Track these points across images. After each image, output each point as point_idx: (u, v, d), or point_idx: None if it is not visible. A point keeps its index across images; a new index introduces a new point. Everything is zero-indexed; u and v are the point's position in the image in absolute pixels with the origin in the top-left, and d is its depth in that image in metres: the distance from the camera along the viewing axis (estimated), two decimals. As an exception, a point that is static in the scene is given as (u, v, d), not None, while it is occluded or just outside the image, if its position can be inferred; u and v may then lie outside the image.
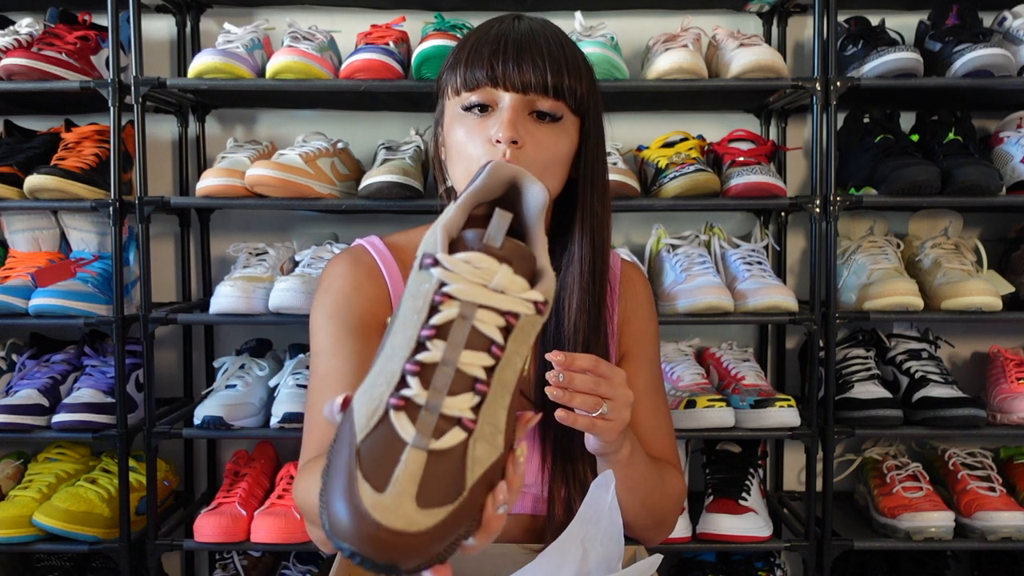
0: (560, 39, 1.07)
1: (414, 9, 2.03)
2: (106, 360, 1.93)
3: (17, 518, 1.76)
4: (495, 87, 1.03)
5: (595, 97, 1.10)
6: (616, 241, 2.10)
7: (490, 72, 1.03)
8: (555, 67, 1.03)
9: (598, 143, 1.11)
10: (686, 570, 1.97)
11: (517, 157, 1.02)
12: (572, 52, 1.07)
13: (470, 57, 1.05)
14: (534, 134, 1.04)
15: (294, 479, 1.12)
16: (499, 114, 1.03)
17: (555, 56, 1.04)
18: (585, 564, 0.93)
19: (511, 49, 1.03)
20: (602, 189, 1.11)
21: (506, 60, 1.02)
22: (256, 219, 2.15)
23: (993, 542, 1.80)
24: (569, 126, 1.07)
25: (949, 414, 1.80)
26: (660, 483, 1.12)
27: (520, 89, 1.03)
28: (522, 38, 1.04)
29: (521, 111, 1.03)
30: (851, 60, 1.88)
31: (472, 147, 1.05)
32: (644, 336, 1.23)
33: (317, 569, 1.95)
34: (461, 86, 1.05)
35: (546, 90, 1.03)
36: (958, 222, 2.04)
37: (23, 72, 1.79)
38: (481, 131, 1.04)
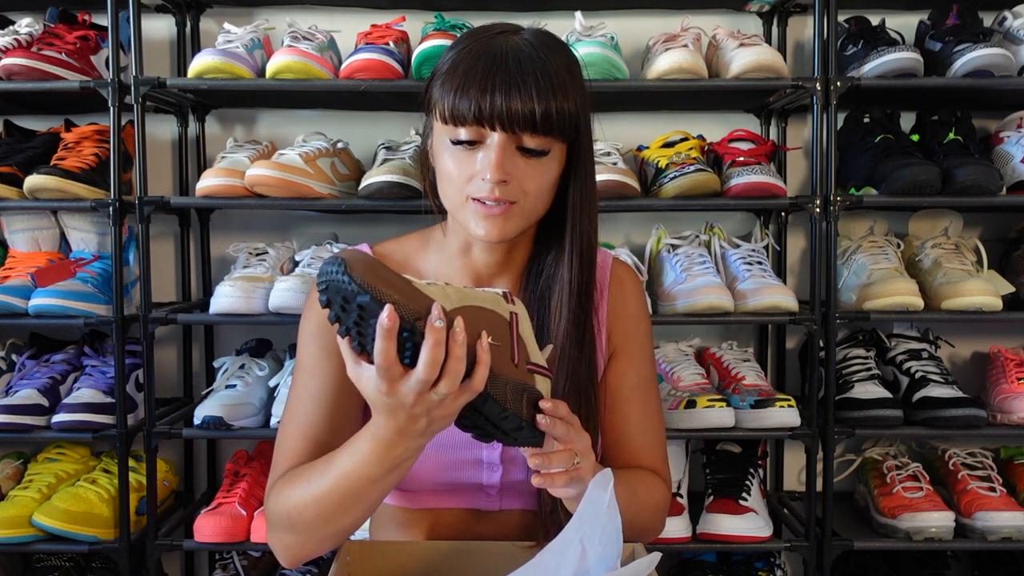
0: (548, 63, 1.04)
1: (414, 9, 2.03)
2: (106, 360, 1.93)
3: (17, 518, 1.76)
4: (482, 126, 1.03)
5: (584, 111, 1.09)
6: (616, 241, 2.10)
7: (478, 112, 1.01)
8: (543, 97, 1.01)
9: (587, 159, 1.11)
10: (686, 570, 1.97)
11: (505, 192, 1.04)
12: (560, 77, 1.04)
13: (459, 89, 1.03)
14: (521, 168, 1.05)
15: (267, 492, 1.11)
16: (487, 152, 1.04)
17: (543, 87, 1.02)
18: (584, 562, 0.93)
19: (500, 87, 1.01)
20: (591, 204, 1.12)
21: (494, 96, 1.01)
22: (256, 219, 2.15)
23: (993, 542, 1.80)
24: (556, 152, 1.07)
25: (949, 414, 1.80)
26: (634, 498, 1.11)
27: (508, 128, 1.02)
28: (511, 72, 1.02)
29: (508, 148, 1.04)
30: (851, 60, 1.88)
31: (459, 178, 1.06)
32: (633, 334, 1.23)
33: (317, 569, 1.95)
34: (449, 119, 1.04)
35: (534, 126, 1.02)
36: (958, 222, 2.04)
37: (23, 72, 1.79)
38: (468, 165, 1.05)
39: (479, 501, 1.17)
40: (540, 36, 1.09)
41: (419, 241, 1.23)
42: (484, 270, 1.18)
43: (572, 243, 1.11)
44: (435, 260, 1.20)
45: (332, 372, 1.13)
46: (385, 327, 0.82)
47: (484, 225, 1.06)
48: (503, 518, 1.18)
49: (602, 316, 1.21)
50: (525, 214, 1.08)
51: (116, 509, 1.83)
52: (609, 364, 1.23)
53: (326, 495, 1.00)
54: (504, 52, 1.04)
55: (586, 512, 0.95)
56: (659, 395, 1.27)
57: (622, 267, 1.27)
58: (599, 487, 0.95)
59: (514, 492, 1.17)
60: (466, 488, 1.17)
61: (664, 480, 1.21)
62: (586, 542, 0.93)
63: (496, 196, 1.04)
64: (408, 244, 1.23)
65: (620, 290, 1.24)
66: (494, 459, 1.15)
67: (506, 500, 1.17)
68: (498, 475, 1.15)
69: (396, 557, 1.06)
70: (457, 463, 1.15)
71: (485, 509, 1.18)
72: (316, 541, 1.04)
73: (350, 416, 1.15)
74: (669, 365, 1.96)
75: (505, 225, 1.06)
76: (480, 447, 1.14)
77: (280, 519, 1.06)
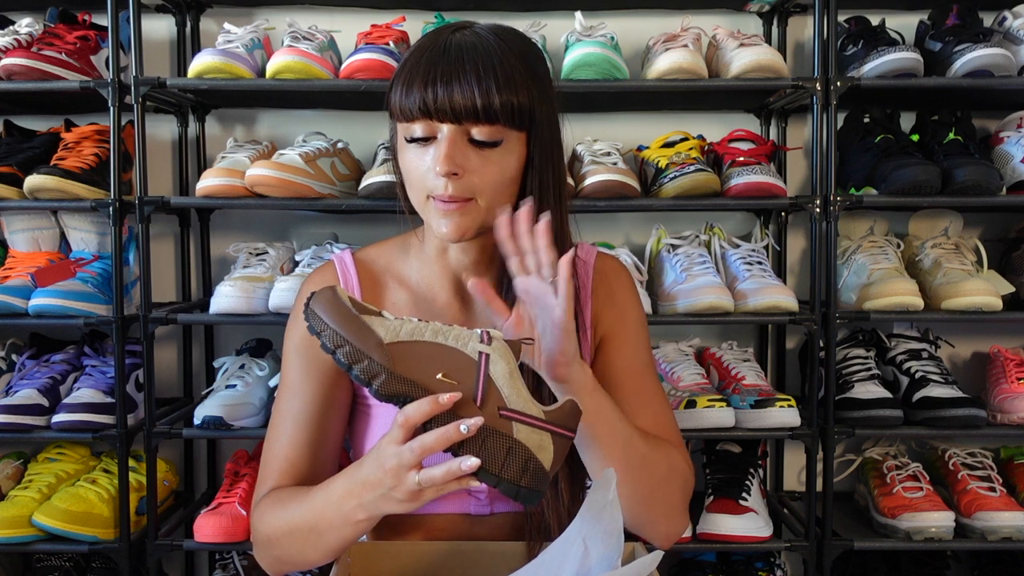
0: (492, 54, 1.04)
1: (414, 9, 2.03)
2: (106, 360, 1.93)
3: (17, 518, 1.76)
4: (429, 119, 1.03)
5: (542, 101, 1.07)
6: (616, 241, 2.10)
7: (423, 105, 1.02)
8: (485, 88, 1.01)
9: (550, 150, 1.10)
10: (686, 570, 1.97)
11: (458, 188, 1.03)
12: (507, 65, 1.03)
13: (405, 86, 1.04)
14: (474, 161, 1.04)
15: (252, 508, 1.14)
16: (438, 145, 1.04)
17: (484, 76, 1.02)
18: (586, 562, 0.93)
19: (440, 78, 1.02)
20: (556, 194, 1.11)
21: (435, 89, 1.01)
22: (256, 219, 2.15)
23: (993, 542, 1.80)
24: (512, 143, 1.06)
25: (949, 414, 1.80)
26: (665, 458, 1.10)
27: (453, 119, 1.02)
28: (451, 64, 1.02)
29: (458, 140, 1.03)
30: (851, 60, 1.88)
31: (416, 176, 1.06)
32: (623, 320, 1.22)
33: (317, 569, 1.94)
34: (400, 115, 1.05)
35: (477, 115, 1.02)
36: (958, 222, 2.04)
37: (23, 72, 1.79)
38: (423, 160, 1.05)
39: (470, 506, 1.17)
40: (494, 28, 1.09)
41: (400, 246, 1.23)
42: (462, 271, 1.17)
43: None
44: (416, 264, 1.20)
45: (313, 391, 1.15)
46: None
47: (443, 223, 1.06)
48: (495, 521, 1.17)
49: (587, 314, 1.20)
50: (485, 209, 1.06)
51: (116, 509, 1.83)
52: (596, 355, 1.21)
53: (299, 527, 1.03)
54: (448, 45, 1.05)
55: (589, 511, 0.95)
56: (657, 379, 1.24)
57: (606, 260, 1.25)
58: (601, 487, 0.95)
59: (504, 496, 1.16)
60: (455, 493, 1.14)
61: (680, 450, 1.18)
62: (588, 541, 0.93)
63: (450, 193, 1.03)
64: (390, 249, 1.24)
65: (605, 284, 1.23)
66: None
67: (497, 504, 1.17)
68: None
69: (396, 557, 1.06)
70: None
71: (476, 513, 1.17)
72: (295, 565, 1.08)
73: (332, 437, 1.17)
74: (669, 365, 1.96)
75: (462, 222, 1.05)
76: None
77: (260, 539, 1.11)
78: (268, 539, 1.09)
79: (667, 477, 1.12)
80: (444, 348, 0.90)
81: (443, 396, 0.87)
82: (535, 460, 0.88)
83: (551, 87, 1.11)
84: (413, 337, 0.89)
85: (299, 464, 1.13)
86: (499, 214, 1.02)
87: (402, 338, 0.89)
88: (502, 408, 0.89)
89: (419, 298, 1.19)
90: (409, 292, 1.19)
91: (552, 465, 0.90)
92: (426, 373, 0.89)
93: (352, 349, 0.88)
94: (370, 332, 0.88)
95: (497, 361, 0.89)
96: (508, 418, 0.89)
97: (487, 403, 0.89)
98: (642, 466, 1.07)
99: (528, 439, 0.89)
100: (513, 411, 0.89)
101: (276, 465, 1.14)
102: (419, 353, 0.89)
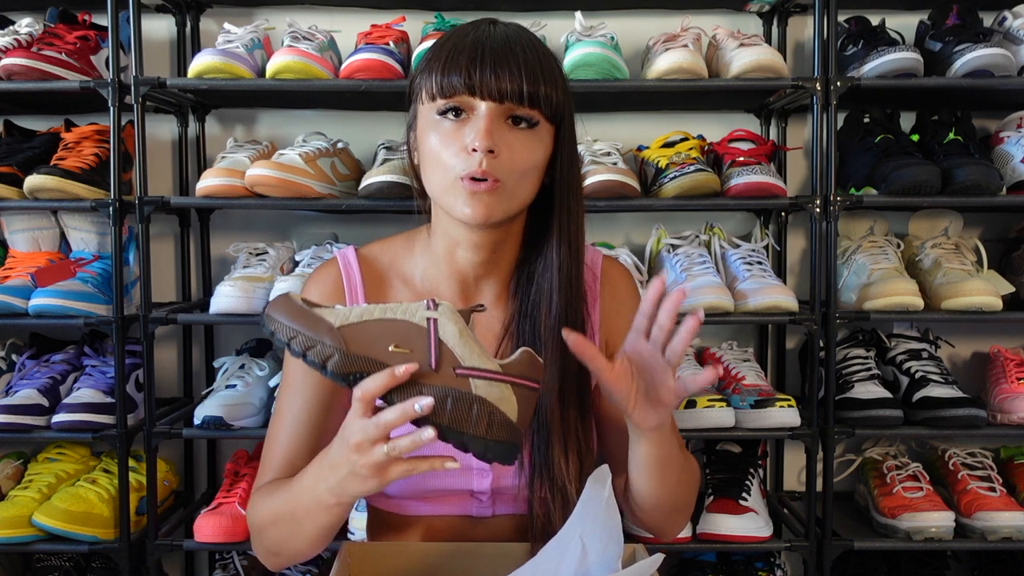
0: (536, 46, 1.07)
1: (414, 9, 2.03)
2: (106, 360, 1.93)
3: (17, 518, 1.76)
4: (472, 96, 1.03)
5: (569, 104, 1.10)
6: (616, 241, 2.10)
7: (468, 80, 1.02)
8: (531, 75, 1.03)
9: (572, 149, 1.12)
10: (686, 570, 1.97)
11: (493, 166, 1.03)
12: (547, 59, 1.07)
13: (447, 64, 1.04)
14: (510, 142, 1.04)
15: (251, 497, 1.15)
16: (475, 122, 1.03)
17: (531, 64, 1.04)
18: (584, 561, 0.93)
19: (488, 57, 1.03)
20: (577, 194, 1.13)
21: (483, 68, 1.02)
22: (256, 219, 2.15)
23: (993, 542, 1.80)
24: (544, 133, 1.07)
25: (949, 414, 1.81)
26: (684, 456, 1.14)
27: (497, 98, 1.03)
28: (499, 46, 1.04)
29: (497, 119, 1.04)
30: (851, 60, 1.88)
31: (447, 155, 1.05)
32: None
33: (317, 569, 1.95)
34: (437, 92, 1.05)
35: (522, 99, 1.03)
36: (958, 222, 2.04)
37: (23, 72, 1.79)
38: (456, 139, 1.04)
39: (472, 508, 1.17)
40: (525, 28, 1.11)
41: (405, 243, 1.22)
42: (470, 271, 1.16)
43: (560, 232, 1.11)
44: (422, 263, 1.19)
45: (313, 391, 1.15)
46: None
47: (471, 203, 1.04)
48: (497, 523, 1.17)
49: (595, 320, 1.21)
50: (510, 195, 1.06)
51: (116, 509, 1.83)
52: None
53: (281, 516, 1.05)
54: (490, 32, 1.07)
55: (585, 509, 0.95)
56: None
57: (613, 265, 1.27)
58: (596, 484, 0.95)
59: (506, 498, 1.16)
60: (457, 494, 1.16)
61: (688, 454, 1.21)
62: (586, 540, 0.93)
63: (484, 169, 1.02)
64: (395, 246, 1.23)
65: (613, 290, 1.24)
66: (484, 464, 1.14)
67: (499, 506, 1.17)
68: (488, 481, 1.14)
69: (396, 558, 1.06)
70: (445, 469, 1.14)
71: (478, 515, 1.17)
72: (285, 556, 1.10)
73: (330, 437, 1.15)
74: (669, 365, 1.96)
75: (491, 203, 1.04)
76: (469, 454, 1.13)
77: (253, 530, 1.13)
78: (258, 529, 1.11)
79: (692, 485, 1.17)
80: (394, 322, 0.92)
81: (399, 368, 0.88)
82: (499, 413, 0.90)
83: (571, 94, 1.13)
84: (363, 318, 0.92)
85: (295, 462, 1.13)
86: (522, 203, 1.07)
87: (352, 320, 0.91)
88: (457, 367, 0.91)
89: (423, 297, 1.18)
90: (413, 291, 1.19)
91: (520, 417, 0.92)
92: (378, 348, 0.91)
93: (304, 337, 0.91)
94: (320, 320, 0.91)
95: (445, 324, 0.92)
96: (465, 375, 0.90)
97: (442, 365, 0.91)
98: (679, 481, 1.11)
99: (488, 393, 0.90)
100: (468, 368, 0.91)
101: (274, 462, 1.15)
102: (370, 331, 0.91)
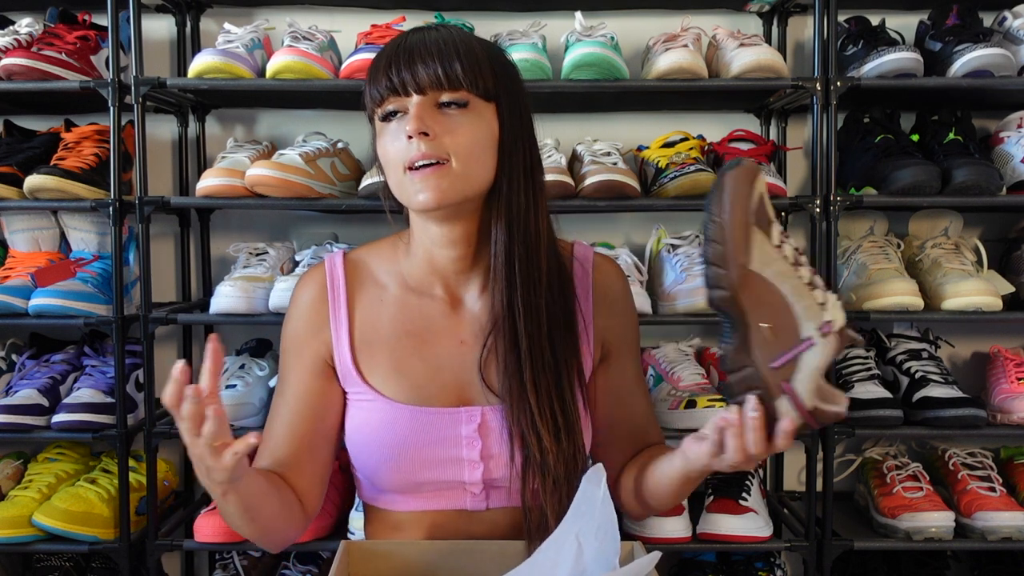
0: (454, 36, 1.10)
1: (414, 9, 2.03)
2: (106, 360, 1.93)
3: (17, 518, 1.76)
4: (397, 95, 1.08)
5: (508, 83, 1.13)
6: (616, 241, 2.10)
7: (389, 83, 1.08)
8: (445, 60, 1.07)
9: (517, 129, 1.13)
10: (686, 570, 1.97)
11: (432, 148, 1.07)
12: (467, 45, 1.10)
13: (373, 74, 1.11)
14: (444, 124, 1.08)
15: None
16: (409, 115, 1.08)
17: (445, 51, 1.08)
18: (580, 560, 0.93)
19: (403, 56, 1.08)
20: (524, 177, 1.13)
21: (399, 67, 1.08)
22: (256, 219, 2.15)
23: (993, 542, 1.80)
24: (481, 110, 1.10)
25: (949, 414, 1.80)
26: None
27: (418, 90, 1.07)
28: (412, 44, 1.09)
29: (427, 107, 1.08)
30: (851, 60, 1.88)
31: (393, 151, 1.10)
32: (628, 330, 1.27)
33: (317, 569, 1.94)
34: (371, 103, 1.11)
35: (440, 83, 1.07)
36: (958, 222, 2.04)
37: (23, 72, 1.79)
38: (399, 135, 1.09)
39: (466, 501, 1.17)
40: (451, 29, 1.14)
41: (390, 246, 1.25)
42: (450, 267, 1.18)
43: (499, 214, 1.12)
44: (405, 264, 1.22)
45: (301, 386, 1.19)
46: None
47: (421, 188, 1.08)
48: (493, 517, 1.18)
49: (587, 311, 1.22)
50: (460, 175, 1.08)
51: (116, 509, 1.83)
52: (609, 363, 1.24)
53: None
54: (409, 35, 1.12)
55: (580, 508, 0.95)
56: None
57: (605, 263, 1.27)
58: (591, 482, 0.95)
59: (499, 490, 1.16)
60: (449, 486, 1.16)
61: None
62: (582, 538, 0.93)
63: (423, 152, 1.06)
64: (380, 249, 1.26)
65: (604, 287, 1.25)
66: (474, 456, 1.15)
67: (492, 499, 1.17)
68: (479, 472, 1.15)
69: (395, 557, 1.06)
70: (436, 461, 1.15)
71: (473, 509, 1.17)
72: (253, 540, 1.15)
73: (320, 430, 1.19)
74: (669, 365, 1.96)
75: (440, 184, 1.07)
76: (460, 445, 1.14)
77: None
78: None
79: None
80: (788, 309, 0.93)
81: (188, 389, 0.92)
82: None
83: (518, 77, 1.16)
84: (773, 280, 0.93)
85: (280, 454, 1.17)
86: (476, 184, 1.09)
87: (765, 275, 0.92)
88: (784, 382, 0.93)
89: (408, 293, 1.21)
90: (398, 288, 1.21)
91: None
92: (758, 314, 0.92)
93: (719, 250, 0.92)
94: (745, 249, 0.92)
95: (816, 353, 0.93)
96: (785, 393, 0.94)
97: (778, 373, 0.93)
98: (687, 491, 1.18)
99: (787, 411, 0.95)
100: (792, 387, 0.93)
101: (264, 454, 1.19)
102: (766, 295, 0.92)
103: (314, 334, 1.20)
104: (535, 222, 1.14)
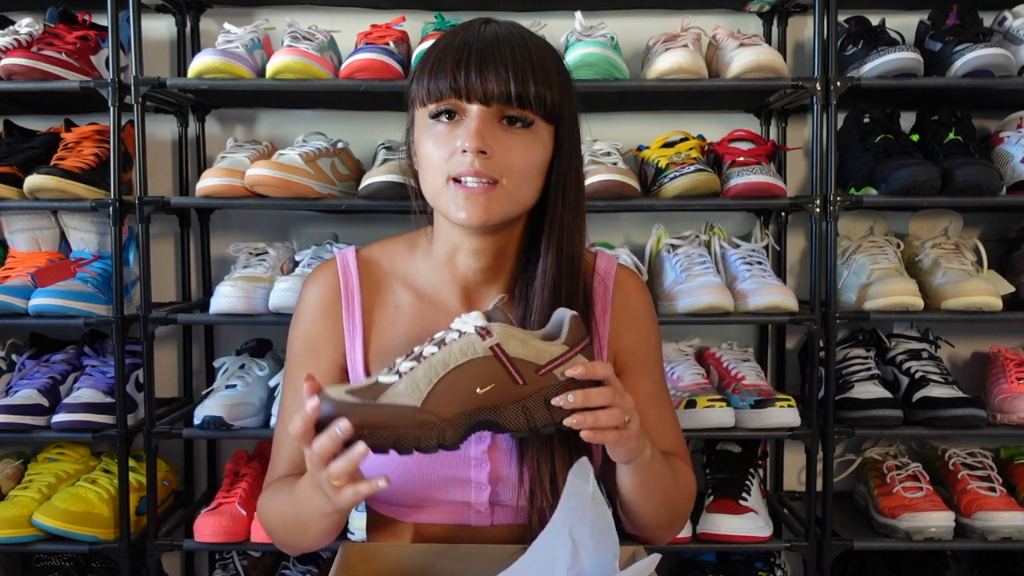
0: (528, 45, 1.04)
1: (414, 9, 2.03)
2: (106, 360, 1.93)
3: (17, 518, 1.76)
4: (459, 99, 1.01)
5: (570, 102, 1.07)
6: (616, 241, 2.10)
7: (453, 84, 1.01)
8: (520, 76, 1.01)
9: (572, 150, 1.09)
10: (686, 570, 1.97)
11: (486, 166, 1.01)
12: (540, 58, 1.04)
13: (435, 68, 1.03)
14: (504, 142, 1.02)
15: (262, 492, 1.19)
16: (467, 124, 1.02)
17: (520, 64, 1.01)
18: (577, 560, 0.92)
19: (474, 59, 1.01)
20: (574, 199, 1.10)
21: (468, 71, 1.00)
22: (256, 219, 2.15)
23: (993, 542, 1.80)
24: (542, 132, 1.05)
25: (949, 414, 1.80)
26: (675, 479, 1.14)
27: (484, 101, 1.01)
28: (486, 46, 1.02)
29: (489, 120, 1.02)
30: (851, 60, 1.88)
31: (440, 157, 1.03)
32: (643, 346, 1.21)
33: (317, 569, 1.95)
34: (427, 97, 1.03)
35: (510, 100, 1.01)
36: (958, 222, 2.04)
37: (23, 72, 1.79)
38: (449, 141, 1.03)
39: (470, 517, 1.15)
40: (521, 26, 1.09)
41: (407, 246, 1.20)
42: (471, 277, 1.14)
43: (551, 239, 1.09)
44: (423, 267, 1.17)
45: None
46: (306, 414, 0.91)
47: (465, 207, 1.02)
48: (495, 532, 1.16)
49: (603, 332, 1.18)
50: (509, 196, 1.03)
51: (116, 509, 1.83)
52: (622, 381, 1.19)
53: (288, 518, 1.09)
54: (479, 32, 1.04)
55: (569, 504, 0.94)
56: (669, 395, 1.25)
57: (627, 276, 1.23)
58: (579, 476, 0.94)
59: (506, 509, 1.15)
60: (455, 505, 1.14)
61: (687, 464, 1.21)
62: (576, 536, 0.92)
63: (477, 169, 1.00)
64: (396, 248, 1.21)
65: (625, 303, 1.20)
66: (482, 478, 1.12)
67: (497, 516, 1.15)
68: (486, 494, 1.13)
69: (395, 558, 1.06)
70: (443, 481, 1.12)
71: (476, 525, 1.16)
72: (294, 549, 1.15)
73: None
74: (669, 365, 1.96)
75: (489, 206, 1.02)
76: (468, 467, 1.12)
77: (264, 527, 1.18)
78: (269, 527, 1.16)
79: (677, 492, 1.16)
80: (462, 367, 0.91)
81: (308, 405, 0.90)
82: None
83: (575, 91, 1.10)
84: (433, 381, 0.91)
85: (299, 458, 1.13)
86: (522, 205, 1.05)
87: (425, 390, 0.91)
88: (541, 368, 0.93)
89: (424, 302, 1.16)
90: (413, 295, 1.17)
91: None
92: (467, 399, 0.91)
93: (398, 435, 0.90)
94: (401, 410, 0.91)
95: (509, 341, 0.92)
96: (550, 370, 0.93)
97: (525, 377, 0.93)
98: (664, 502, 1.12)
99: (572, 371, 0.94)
100: (550, 362, 0.93)
101: (280, 463, 1.17)
102: (448, 389, 0.91)
103: (329, 337, 1.16)
104: (579, 243, 1.11)
